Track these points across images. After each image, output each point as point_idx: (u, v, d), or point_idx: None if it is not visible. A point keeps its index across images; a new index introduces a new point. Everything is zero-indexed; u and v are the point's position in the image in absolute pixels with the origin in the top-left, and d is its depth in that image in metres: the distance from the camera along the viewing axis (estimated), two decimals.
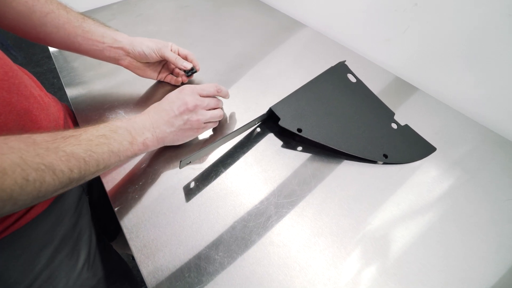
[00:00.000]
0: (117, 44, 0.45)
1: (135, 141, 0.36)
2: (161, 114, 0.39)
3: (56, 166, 0.26)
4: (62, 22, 0.42)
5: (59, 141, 0.28)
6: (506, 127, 0.49)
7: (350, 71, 0.55)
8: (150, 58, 0.47)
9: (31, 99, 0.35)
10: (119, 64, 0.48)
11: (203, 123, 0.42)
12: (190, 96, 0.40)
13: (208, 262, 0.33)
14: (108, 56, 0.46)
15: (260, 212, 0.38)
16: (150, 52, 0.46)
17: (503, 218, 0.39)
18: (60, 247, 0.39)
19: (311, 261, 0.34)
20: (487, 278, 0.34)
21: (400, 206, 0.39)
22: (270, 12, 0.79)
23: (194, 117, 0.40)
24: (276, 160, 0.44)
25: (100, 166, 0.31)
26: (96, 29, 0.45)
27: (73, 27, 0.43)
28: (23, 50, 1.88)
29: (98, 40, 0.44)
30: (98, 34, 0.44)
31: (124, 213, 0.37)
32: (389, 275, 0.33)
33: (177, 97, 0.40)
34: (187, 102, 0.39)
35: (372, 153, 0.44)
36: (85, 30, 0.44)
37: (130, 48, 0.46)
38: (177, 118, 0.39)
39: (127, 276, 0.56)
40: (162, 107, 0.39)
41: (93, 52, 0.46)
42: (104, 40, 0.45)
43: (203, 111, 0.41)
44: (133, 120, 0.37)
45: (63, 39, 0.43)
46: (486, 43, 0.47)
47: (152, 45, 0.47)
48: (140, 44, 0.46)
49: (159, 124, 0.38)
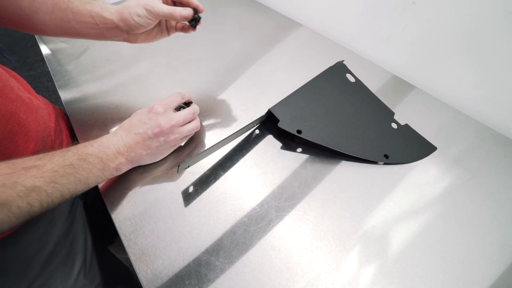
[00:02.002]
0: (110, 24, 0.40)
1: (107, 167, 0.34)
2: (135, 138, 0.36)
3: (12, 202, 0.25)
4: (51, 7, 0.38)
5: (19, 174, 0.26)
6: (506, 125, 0.49)
7: (349, 71, 0.55)
8: (147, 26, 0.41)
9: (18, 102, 0.34)
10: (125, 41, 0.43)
11: (180, 139, 0.40)
12: (163, 117, 0.37)
13: (208, 269, 0.32)
14: (109, 37, 0.42)
15: (260, 216, 0.37)
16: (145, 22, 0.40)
17: (505, 217, 0.38)
18: (54, 253, 0.38)
19: (313, 265, 0.33)
20: (489, 277, 0.33)
21: (401, 206, 0.39)
22: (267, 12, 0.79)
23: (171, 137, 0.38)
24: (276, 162, 0.43)
25: (65, 196, 0.30)
26: (84, 9, 0.39)
27: (61, 10, 0.38)
28: (17, 53, 1.86)
29: (90, 22, 0.39)
30: (87, 15, 0.39)
31: (121, 220, 0.36)
32: (392, 278, 0.33)
33: (149, 118, 0.37)
34: (161, 124, 0.37)
35: (372, 153, 0.43)
36: (74, 11, 0.39)
37: (123, 24, 0.40)
38: (153, 141, 0.37)
39: (128, 281, 0.55)
40: (135, 130, 0.37)
41: (94, 35, 0.41)
42: (96, 21, 0.39)
43: (179, 129, 0.39)
44: (105, 145, 0.35)
45: (59, 26, 0.39)
46: (486, 41, 0.46)
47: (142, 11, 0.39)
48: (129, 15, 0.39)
49: (134, 148, 0.36)
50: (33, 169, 0.28)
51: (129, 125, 0.38)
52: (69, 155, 0.31)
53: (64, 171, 0.30)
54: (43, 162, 0.29)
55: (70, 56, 0.61)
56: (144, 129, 0.37)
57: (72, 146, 0.34)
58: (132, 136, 0.37)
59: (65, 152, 0.32)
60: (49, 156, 0.30)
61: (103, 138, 0.36)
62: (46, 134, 0.39)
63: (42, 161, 0.29)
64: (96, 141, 0.36)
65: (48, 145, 0.39)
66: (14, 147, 0.33)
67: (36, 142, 0.36)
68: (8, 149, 0.32)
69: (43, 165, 0.29)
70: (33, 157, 0.29)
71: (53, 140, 0.41)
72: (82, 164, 0.32)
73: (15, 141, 0.33)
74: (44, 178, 0.28)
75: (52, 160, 0.30)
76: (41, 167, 0.28)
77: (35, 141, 0.36)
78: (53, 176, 0.28)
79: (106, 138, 0.36)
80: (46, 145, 0.38)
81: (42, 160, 0.29)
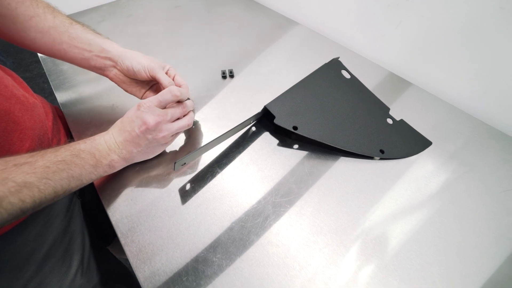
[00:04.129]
0: (104, 54, 0.42)
1: (99, 163, 0.34)
2: (125, 135, 0.36)
3: (4, 198, 0.25)
4: (48, 27, 0.40)
5: (10, 170, 0.26)
6: (500, 119, 0.49)
7: (344, 67, 0.55)
8: (138, 76, 0.42)
9: (13, 100, 0.34)
10: (104, 75, 0.44)
11: (171, 136, 0.40)
12: (148, 114, 0.36)
13: (206, 265, 0.33)
14: (93, 65, 0.43)
15: (257, 212, 0.37)
16: (140, 70, 0.41)
17: (501, 209, 0.39)
18: (51, 253, 0.38)
19: (311, 260, 0.33)
20: (486, 269, 0.33)
21: (398, 201, 0.39)
22: (263, 10, 0.79)
23: (158, 134, 0.37)
24: (273, 159, 0.43)
25: (58, 193, 0.30)
26: (84, 36, 0.41)
27: (58, 32, 0.40)
28: (12, 55, 1.85)
29: (84, 48, 0.41)
30: (84, 41, 0.41)
31: (118, 217, 0.36)
32: (389, 271, 0.33)
33: (136, 116, 0.37)
34: (146, 121, 0.36)
35: (368, 148, 0.43)
36: (71, 36, 0.41)
37: (119, 60, 0.42)
38: (140, 138, 0.37)
39: (127, 281, 0.55)
40: (124, 127, 0.37)
41: (79, 60, 0.42)
42: (91, 48, 0.41)
43: (167, 126, 0.38)
44: (97, 142, 0.35)
45: (47, 45, 0.41)
46: (479, 36, 0.47)
47: (145, 62, 0.41)
48: (130, 58, 0.41)
49: (125, 145, 0.36)
50: (25, 165, 0.27)
51: (120, 122, 0.38)
52: (61, 151, 0.31)
53: (56, 167, 0.29)
54: (35, 158, 0.29)
55: None
56: (132, 126, 0.36)
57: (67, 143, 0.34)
58: (122, 134, 0.36)
59: (57, 149, 0.32)
60: (42, 153, 0.30)
61: (96, 136, 0.36)
62: (42, 132, 0.39)
63: (34, 157, 0.29)
64: (89, 138, 0.36)
65: (45, 144, 0.39)
66: (9, 145, 0.33)
67: (32, 140, 0.36)
68: (3, 147, 0.32)
69: (35, 161, 0.29)
70: (26, 154, 0.29)
71: (50, 139, 0.41)
72: (75, 160, 0.32)
73: (10, 139, 0.33)
74: (35, 174, 0.27)
75: (44, 157, 0.30)
76: (32, 164, 0.28)
77: (31, 139, 0.36)
78: (45, 172, 0.28)
79: (99, 135, 0.36)
80: (42, 143, 0.38)
81: (34, 157, 0.29)
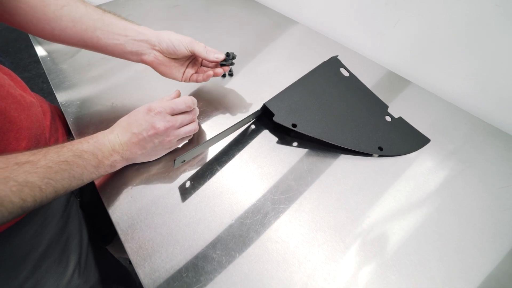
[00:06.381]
0: (141, 37, 0.41)
1: (101, 164, 0.34)
2: (131, 137, 0.36)
3: (5, 197, 0.25)
4: (80, 15, 0.39)
5: (11, 169, 0.26)
6: (497, 117, 0.50)
7: (343, 65, 0.55)
8: (178, 52, 0.42)
9: (9, 99, 0.33)
10: (142, 61, 0.43)
11: (176, 141, 0.40)
12: (159, 119, 0.37)
13: (206, 261, 0.33)
14: (130, 50, 0.41)
15: (257, 209, 0.37)
16: (180, 45, 0.41)
17: (499, 205, 0.39)
18: (47, 253, 0.38)
19: (310, 256, 0.34)
20: (484, 265, 0.34)
21: (396, 198, 0.39)
22: (261, 9, 0.79)
23: (166, 139, 0.38)
24: (272, 157, 0.43)
25: (59, 192, 0.30)
26: (118, 22, 0.41)
27: (92, 20, 0.39)
28: (10, 55, 1.84)
29: (119, 33, 0.40)
30: (120, 26, 0.40)
31: (119, 215, 0.37)
32: (388, 267, 0.33)
33: (145, 120, 0.36)
34: (156, 126, 0.36)
35: (367, 146, 0.44)
36: (106, 23, 0.40)
37: (156, 40, 0.41)
38: (147, 142, 0.37)
39: (125, 281, 0.55)
40: (130, 129, 0.36)
41: (114, 46, 0.41)
42: (127, 33, 0.40)
43: (175, 131, 0.39)
44: (101, 142, 0.35)
45: (80, 33, 0.40)
46: (476, 34, 0.47)
47: (182, 38, 0.42)
48: (168, 37, 0.41)
49: (130, 147, 0.36)
50: (27, 164, 0.27)
51: (126, 123, 0.37)
52: (64, 151, 0.31)
53: (58, 167, 0.29)
54: (37, 157, 0.29)
55: (65, 55, 0.61)
56: (140, 129, 0.36)
57: (67, 142, 0.34)
58: (128, 135, 0.36)
59: (59, 148, 0.31)
60: (44, 152, 0.30)
61: (99, 134, 0.36)
62: (39, 132, 0.38)
63: (36, 156, 0.29)
64: (92, 137, 0.35)
65: (42, 143, 0.39)
66: (4, 144, 0.33)
67: (29, 140, 0.36)
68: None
69: (37, 160, 0.28)
70: (28, 152, 0.29)
71: (47, 138, 0.41)
72: (77, 160, 0.31)
73: (6, 138, 0.33)
74: (37, 174, 0.27)
75: (47, 156, 0.29)
76: (35, 163, 0.28)
77: (27, 138, 0.35)
78: (47, 172, 0.28)
79: (102, 134, 0.36)
80: (39, 142, 0.38)
81: (36, 156, 0.29)
